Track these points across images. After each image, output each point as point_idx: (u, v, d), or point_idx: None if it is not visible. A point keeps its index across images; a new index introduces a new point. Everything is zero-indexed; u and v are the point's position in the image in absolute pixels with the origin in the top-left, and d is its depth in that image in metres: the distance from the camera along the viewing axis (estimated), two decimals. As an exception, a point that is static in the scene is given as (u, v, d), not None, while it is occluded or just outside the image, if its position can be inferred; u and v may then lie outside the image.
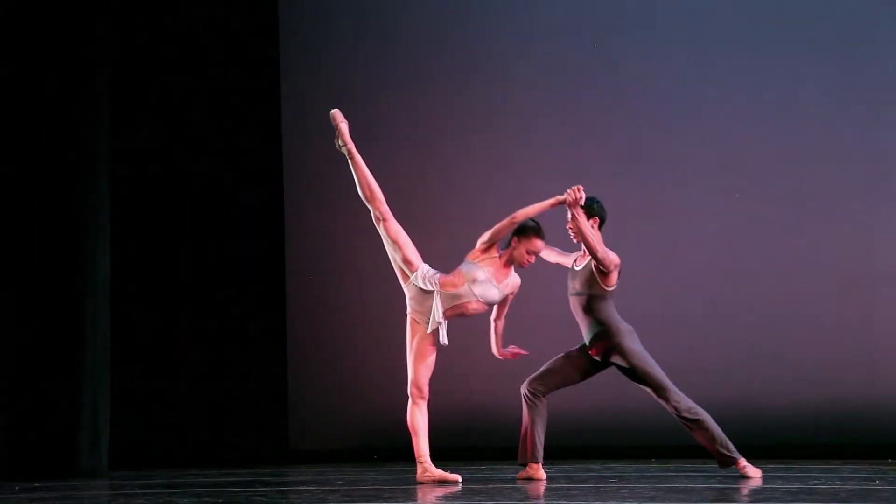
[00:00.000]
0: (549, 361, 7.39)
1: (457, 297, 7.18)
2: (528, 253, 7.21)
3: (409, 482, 7.31)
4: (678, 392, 7.16)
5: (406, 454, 9.19)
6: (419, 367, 7.24)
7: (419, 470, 7.24)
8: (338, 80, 9.74)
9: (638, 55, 9.38)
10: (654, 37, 9.38)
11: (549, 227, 7.34)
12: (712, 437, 7.13)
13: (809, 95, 9.11)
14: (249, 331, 9.82)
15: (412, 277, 7.25)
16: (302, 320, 9.81)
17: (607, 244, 7.16)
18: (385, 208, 7.30)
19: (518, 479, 7.31)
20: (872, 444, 8.79)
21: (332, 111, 7.42)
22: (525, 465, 7.33)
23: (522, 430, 7.33)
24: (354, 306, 9.71)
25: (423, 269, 7.27)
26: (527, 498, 6.35)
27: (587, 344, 7.27)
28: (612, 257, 7.12)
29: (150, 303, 9.74)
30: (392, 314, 9.27)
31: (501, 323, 7.44)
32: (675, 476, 7.43)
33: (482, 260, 7.23)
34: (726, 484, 6.83)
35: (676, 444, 8.31)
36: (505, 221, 7.16)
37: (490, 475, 7.77)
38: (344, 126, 7.37)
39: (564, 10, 9.55)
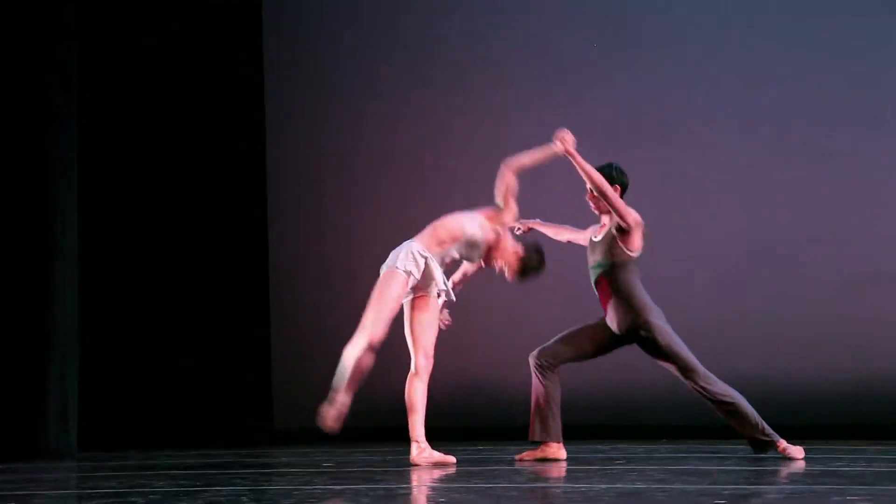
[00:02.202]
0: (563, 332, 6.99)
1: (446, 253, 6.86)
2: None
3: (401, 464, 7.02)
4: (708, 374, 6.79)
5: (396, 434, 8.88)
6: (431, 337, 6.82)
7: (415, 450, 6.80)
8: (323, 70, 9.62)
9: (650, 17, 9.18)
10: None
11: (561, 209, 7.07)
12: (747, 421, 6.77)
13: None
14: (231, 306, 9.65)
15: (410, 281, 6.79)
16: (287, 296, 9.66)
17: None
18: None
19: (519, 460, 6.91)
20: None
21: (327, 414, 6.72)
22: (539, 443, 6.90)
23: (534, 404, 6.91)
24: (341, 283, 9.49)
25: (401, 261, 6.77)
26: (528, 480, 6.09)
27: (609, 322, 6.87)
28: (633, 213, 6.73)
29: (124, 277, 9.56)
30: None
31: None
32: (687, 457, 7.19)
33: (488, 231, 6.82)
34: (742, 465, 6.55)
35: (689, 424, 8.05)
36: (507, 178, 6.70)
37: (488, 456, 7.49)
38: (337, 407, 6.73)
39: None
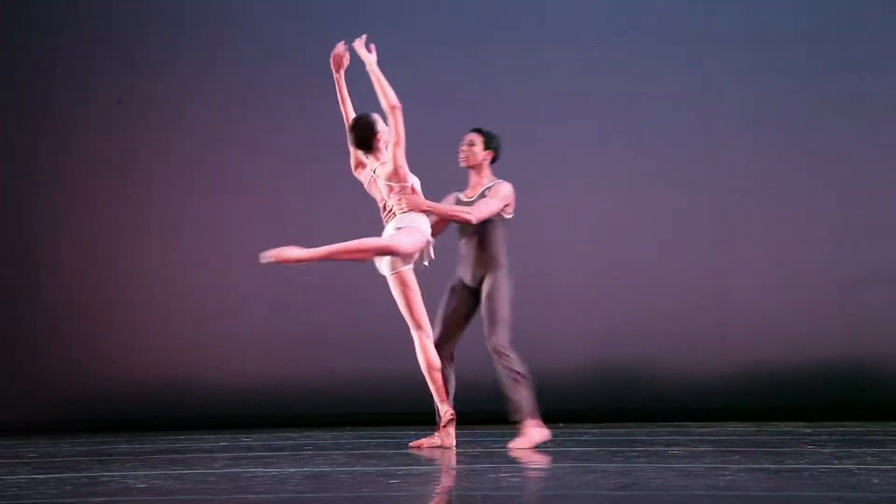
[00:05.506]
0: (442, 316, 7.09)
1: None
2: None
3: (105, 453, 7.09)
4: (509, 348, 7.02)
5: (101, 425, 8.85)
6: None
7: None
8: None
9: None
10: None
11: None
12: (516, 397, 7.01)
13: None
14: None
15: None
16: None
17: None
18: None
19: (415, 447, 7.02)
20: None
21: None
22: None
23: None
24: (48, 275, 9.40)
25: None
26: (224, 466, 6.14)
27: (462, 275, 7.07)
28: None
29: None
30: (86, 285, 9.26)
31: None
32: (369, 442, 7.54)
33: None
34: (412, 452, 6.89)
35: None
36: (392, 116, 6.64)
37: (188, 444, 7.61)
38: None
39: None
